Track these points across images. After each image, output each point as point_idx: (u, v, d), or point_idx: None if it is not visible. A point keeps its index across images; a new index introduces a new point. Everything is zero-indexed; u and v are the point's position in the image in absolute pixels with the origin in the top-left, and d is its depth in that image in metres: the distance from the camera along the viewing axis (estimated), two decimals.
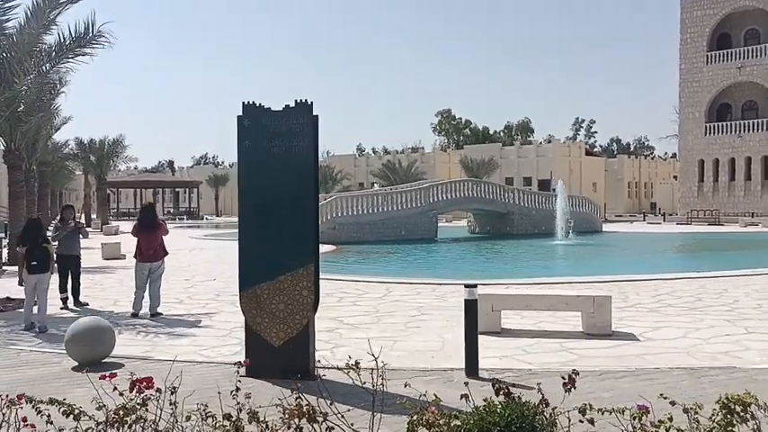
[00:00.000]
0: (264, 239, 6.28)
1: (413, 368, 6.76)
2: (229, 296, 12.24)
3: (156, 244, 10.55)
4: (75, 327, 6.80)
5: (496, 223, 33.48)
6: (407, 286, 13.13)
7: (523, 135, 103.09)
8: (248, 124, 6.30)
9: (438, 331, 8.79)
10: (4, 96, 11.42)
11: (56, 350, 7.77)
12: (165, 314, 10.27)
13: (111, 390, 3.95)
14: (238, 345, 8.10)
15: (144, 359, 7.16)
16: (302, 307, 6.26)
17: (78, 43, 11.44)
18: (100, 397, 3.97)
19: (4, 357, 7.35)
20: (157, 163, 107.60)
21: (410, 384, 4.34)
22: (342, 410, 3.86)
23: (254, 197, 6.34)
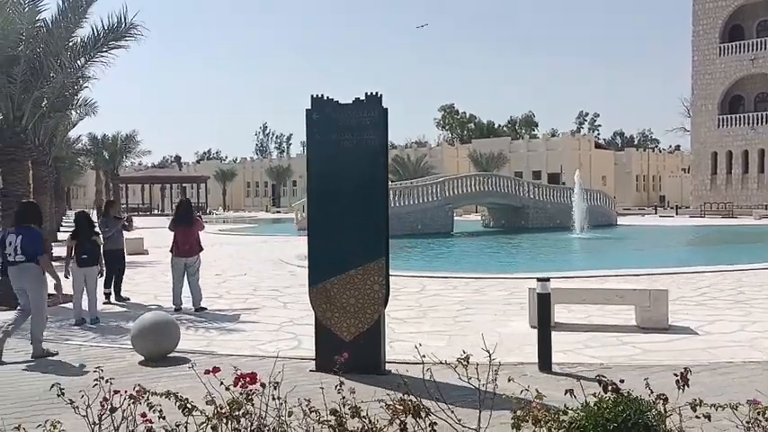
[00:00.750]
0: (335, 234, 6.24)
1: (482, 363, 6.71)
2: (267, 291, 12.23)
3: (192, 239, 10.53)
4: (142, 322, 6.77)
5: (511, 217, 33.42)
6: (441, 280, 13.09)
7: (527, 129, 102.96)
8: (317, 117, 6.25)
9: (489, 326, 8.76)
10: (41, 91, 11.36)
11: (114, 345, 7.76)
12: (208, 309, 10.25)
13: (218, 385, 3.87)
14: (293, 339, 8.09)
15: (207, 354, 7.12)
16: (373, 301, 6.22)
17: (113, 36, 11.37)
18: (210, 393, 3.94)
19: (66, 353, 7.32)
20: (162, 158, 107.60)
21: (513, 379, 4.31)
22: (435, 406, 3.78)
23: (323, 191, 6.29)
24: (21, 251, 7.08)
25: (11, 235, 7.28)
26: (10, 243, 7.18)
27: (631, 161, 68.09)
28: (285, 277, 14.37)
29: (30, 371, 6.57)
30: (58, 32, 11.03)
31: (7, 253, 7.19)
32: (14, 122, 11.28)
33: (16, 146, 11.27)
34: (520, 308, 10.04)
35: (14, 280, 7.22)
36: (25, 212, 7.50)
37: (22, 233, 7.19)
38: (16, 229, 7.35)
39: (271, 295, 11.72)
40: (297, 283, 13.25)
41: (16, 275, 7.17)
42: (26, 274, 7.12)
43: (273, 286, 12.88)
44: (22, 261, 7.08)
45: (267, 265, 16.90)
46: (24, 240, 7.11)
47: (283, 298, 11.38)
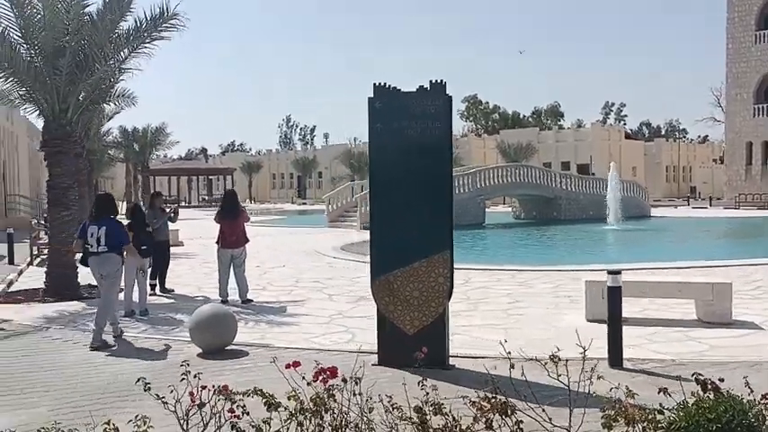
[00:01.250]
0: (398, 225, 6.11)
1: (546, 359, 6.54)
2: (309, 282, 12.17)
3: (238, 230, 10.48)
4: (200, 314, 6.72)
5: (543, 208, 33.03)
6: (486, 273, 12.90)
7: (553, 119, 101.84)
8: (380, 106, 6.11)
9: (544, 319, 8.59)
10: (86, 83, 11.37)
11: (168, 336, 7.72)
12: (254, 301, 10.21)
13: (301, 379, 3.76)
14: (346, 332, 7.99)
15: (264, 346, 7.05)
16: (437, 294, 6.09)
17: (155, 27, 11.32)
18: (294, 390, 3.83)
19: (121, 345, 7.30)
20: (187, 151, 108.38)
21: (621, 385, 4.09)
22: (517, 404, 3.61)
23: (386, 181, 6.16)
24: (104, 242, 7.36)
25: (92, 226, 7.50)
26: (92, 234, 7.43)
27: (661, 152, 66.99)
28: (324, 269, 14.30)
29: (93, 362, 6.55)
30: (104, 24, 11.00)
31: (89, 244, 7.45)
32: (60, 115, 11.31)
33: (62, 138, 11.31)
34: (569, 301, 9.85)
35: (96, 268, 7.49)
36: (104, 204, 7.80)
37: (105, 224, 7.46)
38: (97, 220, 7.56)
39: (314, 287, 11.65)
40: (338, 274, 13.19)
41: (98, 264, 7.44)
42: (108, 264, 7.41)
43: (315, 278, 12.81)
44: (104, 252, 7.38)
45: (304, 257, 16.86)
46: (108, 232, 7.39)
47: (327, 290, 11.31)
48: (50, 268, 11.27)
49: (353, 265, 14.64)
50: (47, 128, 11.36)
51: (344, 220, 28.79)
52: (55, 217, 11.35)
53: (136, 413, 4.80)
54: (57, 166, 11.33)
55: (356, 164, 60.46)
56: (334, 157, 65.86)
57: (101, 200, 8.04)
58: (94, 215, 7.72)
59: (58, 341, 7.45)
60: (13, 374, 6.08)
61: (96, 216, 7.66)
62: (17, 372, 6.17)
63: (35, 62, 11.08)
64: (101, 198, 8.17)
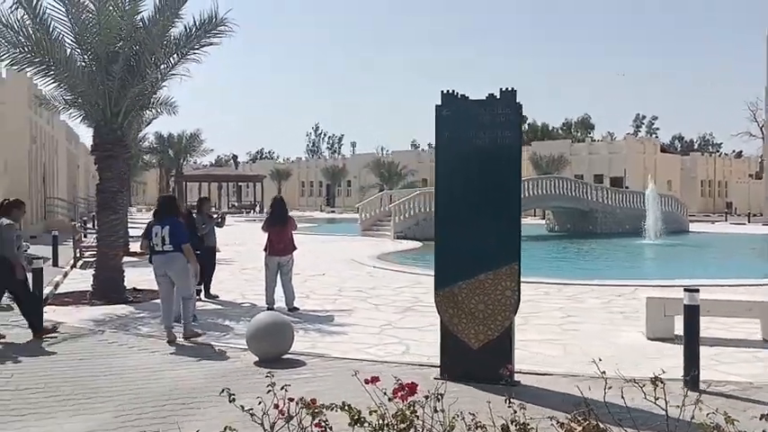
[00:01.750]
0: (464, 236, 5.97)
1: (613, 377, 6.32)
2: (352, 291, 12.07)
3: (286, 238, 10.42)
4: (258, 323, 6.64)
5: (578, 221, 32.58)
6: (532, 285, 12.61)
7: (584, 131, 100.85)
8: (447, 114, 6.00)
9: (601, 335, 8.35)
10: (138, 88, 11.47)
11: (219, 343, 7.65)
12: (300, 309, 10.13)
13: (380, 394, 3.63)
14: (399, 344, 7.85)
15: (320, 356, 6.95)
16: (504, 308, 5.93)
17: (204, 32, 11.38)
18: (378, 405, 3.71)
19: (174, 350, 7.25)
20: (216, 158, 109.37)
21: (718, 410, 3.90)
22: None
23: (453, 191, 6.04)
24: (168, 241, 7.65)
25: (156, 226, 7.79)
26: (156, 234, 7.73)
27: (696, 166, 65.82)
28: (365, 278, 14.20)
29: (151, 368, 6.51)
30: (156, 30, 11.09)
31: (154, 243, 7.74)
32: (111, 119, 11.42)
33: (113, 142, 11.41)
34: (623, 317, 9.60)
35: (160, 267, 7.76)
36: (167, 205, 8.10)
37: (168, 224, 7.74)
38: (161, 220, 7.84)
39: (358, 296, 11.55)
40: (380, 284, 13.07)
41: (163, 263, 7.72)
42: (173, 263, 7.70)
43: (357, 287, 12.71)
44: (170, 251, 7.66)
45: (342, 265, 16.78)
46: (171, 231, 7.67)
47: (372, 300, 11.19)
48: (98, 271, 11.34)
49: (394, 275, 14.52)
50: (98, 132, 11.47)
51: (378, 229, 28.70)
52: (104, 221, 11.44)
53: (204, 422, 4.75)
54: (107, 170, 11.43)
55: (386, 173, 60.49)
56: (364, 166, 65.94)
57: (164, 201, 8.28)
58: (158, 215, 7.95)
59: (114, 345, 7.44)
60: (74, 379, 6.05)
61: (160, 216, 7.90)
62: (78, 377, 6.15)
63: (89, 67, 11.21)
64: (164, 199, 8.38)
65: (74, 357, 6.85)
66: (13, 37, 10.67)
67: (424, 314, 9.77)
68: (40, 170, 30.46)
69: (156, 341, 7.71)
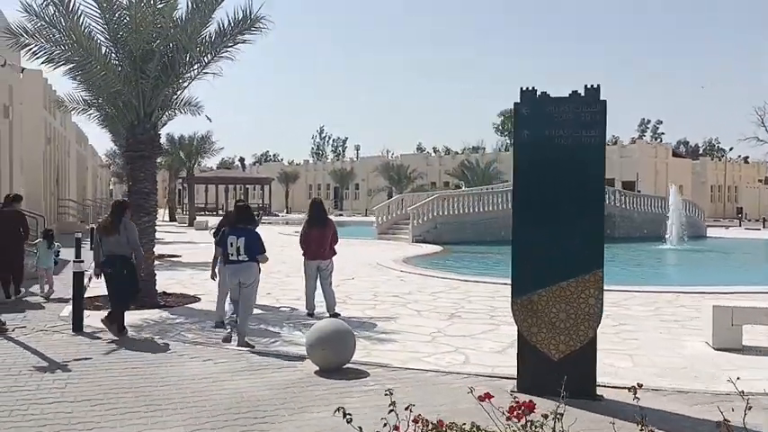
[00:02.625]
0: (545, 241, 5.67)
1: (693, 390, 6.03)
2: (388, 297, 11.76)
3: (325, 242, 10.09)
4: (320, 331, 6.34)
5: None
6: None
7: None
8: (527, 113, 5.71)
9: (663, 345, 8.04)
10: (171, 88, 11.21)
11: (271, 350, 7.34)
12: (341, 315, 9.83)
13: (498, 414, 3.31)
14: (456, 352, 7.55)
15: (382, 366, 6.64)
16: (588, 317, 5.62)
17: (239, 30, 11.10)
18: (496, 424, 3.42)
19: (226, 358, 6.95)
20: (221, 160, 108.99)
21: None
22: None
23: (533, 193, 5.74)
24: (244, 251, 7.65)
25: (232, 236, 7.75)
26: (231, 243, 7.69)
27: (706, 171, 65.47)
28: (397, 283, 13.90)
29: (209, 377, 6.21)
30: (191, 28, 10.81)
31: (230, 252, 7.71)
32: (144, 119, 11.14)
33: (146, 142, 11.12)
34: (679, 325, 9.29)
35: (234, 276, 7.73)
36: (243, 214, 8.05)
37: (244, 235, 7.73)
38: (237, 230, 7.82)
39: (396, 302, 11.25)
40: (414, 289, 12.76)
41: (237, 273, 7.69)
42: (247, 273, 7.70)
43: (392, 292, 12.41)
44: (245, 261, 7.67)
45: (369, 270, 16.48)
46: (247, 242, 7.67)
47: (411, 305, 10.89)
48: None
49: (425, 280, 14.22)
50: (131, 132, 11.19)
51: (394, 233, 28.40)
52: (136, 222, 11.10)
53: None
54: (140, 170, 11.14)
55: (395, 176, 60.17)
56: (372, 170, 65.64)
57: (241, 210, 8.16)
58: (234, 224, 7.95)
59: (163, 352, 7.13)
60: (132, 389, 5.75)
61: (236, 225, 7.89)
62: (135, 386, 5.85)
63: (123, 65, 10.94)
64: (241, 208, 8.23)
65: (125, 365, 6.55)
66: (50, 33, 10.41)
67: (470, 321, 9.47)
68: (54, 171, 30.24)
69: (204, 348, 7.41)
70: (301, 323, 9.27)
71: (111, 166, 68.56)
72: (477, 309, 10.56)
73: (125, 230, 8.11)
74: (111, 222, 8.17)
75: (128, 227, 8.21)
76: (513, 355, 7.38)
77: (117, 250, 8.04)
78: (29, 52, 10.44)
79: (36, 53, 10.51)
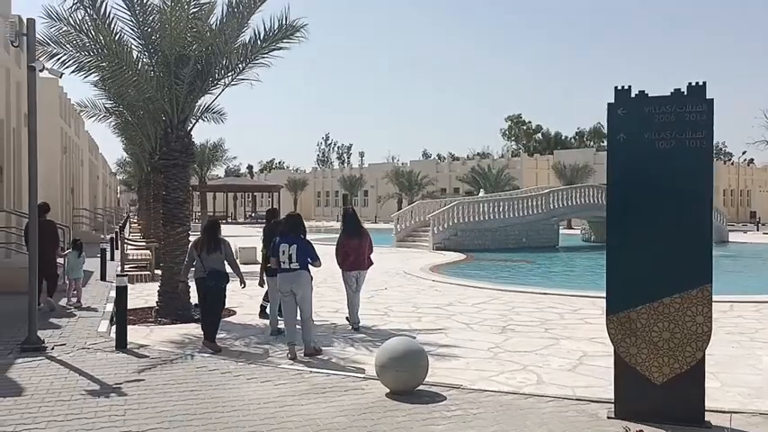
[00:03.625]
0: (645, 253, 5.23)
1: None
2: (429, 309, 11.31)
3: (363, 252, 9.71)
4: (391, 351, 5.89)
5: None
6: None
7: (596, 140, 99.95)
8: (624, 114, 5.27)
9: (742, 360, 7.59)
10: (204, 93, 10.81)
11: (328, 370, 6.88)
12: (378, 326, 9.42)
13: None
14: (525, 371, 7.09)
15: (455, 387, 6.18)
16: (695, 337, 5.17)
17: (279, 36, 10.70)
18: None
19: (285, 379, 6.49)
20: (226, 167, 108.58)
21: None
22: None
23: (631, 200, 5.29)
24: (296, 259, 7.64)
25: (283, 244, 7.74)
26: (283, 252, 7.69)
27: (719, 174, 64.86)
28: (432, 293, 13.44)
29: (273, 401, 5.76)
30: (229, 31, 10.42)
31: (281, 260, 7.70)
32: (178, 126, 10.74)
33: (180, 150, 10.71)
34: (748, 338, 8.83)
35: (285, 284, 7.73)
36: (295, 223, 8.02)
37: (297, 243, 7.73)
38: (288, 238, 7.81)
39: (440, 314, 10.80)
40: (454, 300, 12.30)
41: (289, 281, 7.69)
42: (300, 281, 7.69)
43: (432, 303, 11.96)
44: (297, 269, 7.65)
45: (398, 279, 16.03)
46: (299, 250, 7.67)
47: (457, 317, 10.44)
48: (163, 287, 10.62)
49: (461, 290, 13.75)
50: (165, 140, 10.78)
51: (414, 240, 27.95)
52: (169, 233, 10.73)
53: None
54: (174, 179, 10.73)
55: (405, 182, 59.75)
56: (382, 176, 65.22)
57: (292, 219, 8.14)
58: (285, 233, 7.90)
59: (217, 373, 6.69)
60: (198, 416, 5.32)
61: (287, 233, 7.87)
62: (200, 413, 5.40)
63: (156, 71, 10.55)
64: (292, 217, 8.22)
65: (182, 388, 6.10)
66: (78, 40, 10.02)
67: (525, 335, 9.02)
68: (69, 180, 29.90)
69: (258, 367, 6.96)
70: (349, 338, 8.84)
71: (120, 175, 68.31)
72: (528, 321, 10.10)
73: (224, 247, 8.38)
74: (214, 241, 8.31)
75: (225, 243, 8.46)
76: (587, 374, 6.97)
77: (217, 266, 8.23)
78: (58, 62, 10.04)
79: (65, 62, 10.12)
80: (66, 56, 10.20)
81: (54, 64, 10.02)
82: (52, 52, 9.99)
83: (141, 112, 19.43)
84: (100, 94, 19.38)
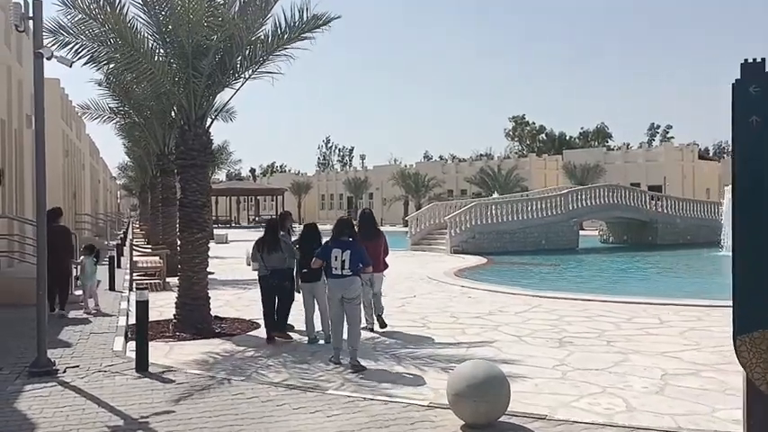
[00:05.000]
0: None
1: None
2: (468, 318, 10.42)
3: (378, 255, 9.31)
4: (468, 377, 5.00)
5: (636, 233, 30.81)
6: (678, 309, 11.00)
7: (600, 141, 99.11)
8: (757, 93, 4.37)
9: None
10: (228, 86, 9.94)
11: (392, 398, 5.98)
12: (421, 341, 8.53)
13: None
14: (606, 394, 6.19)
15: (539, 418, 5.28)
16: None
17: (308, 26, 9.80)
18: None
19: (337, 408, 5.59)
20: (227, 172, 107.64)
21: None
22: None
23: (763, 198, 4.39)
24: (349, 266, 7.36)
25: (336, 249, 7.45)
26: (335, 257, 7.39)
27: (728, 173, 63.90)
28: (466, 300, 12.56)
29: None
30: (252, 19, 9.54)
31: (333, 266, 7.40)
32: (196, 123, 9.86)
33: (199, 150, 9.83)
34: None
35: (337, 290, 7.45)
36: (347, 227, 7.72)
37: (350, 249, 7.44)
38: (341, 242, 7.51)
39: (484, 325, 9.90)
40: (492, 308, 11.39)
41: (341, 287, 7.42)
42: (351, 287, 7.41)
43: (469, 312, 11.06)
44: (348, 275, 7.36)
45: (424, 285, 15.16)
46: (352, 255, 7.39)
47: (503, 328, 9.56)
48: (181, 299, 9.74)
49: (496, 297, 12.86)
50: (182, 138, 9.90)
51: (430, 243, 27.04)
52: (188, 240, 9.84)
53: None
54: (192, 180, 9.85)
55: (412, 184, 58.82)
56: (388, 178, 64.29)
57: (344, 223, 7.83)
58: (336, 237, 7.58)
59: (257, 401, 5.80)
60: None
61: (338, 238, 7.56)
62: None
63: (173, 63, 9.68)
64: (344, 221, 7.89)
65: (221, 423, 5.22)
66: (89, 27, 9.15)
67: (587, 349, 8.13)
68: (71, 185, 29.05)
69: (304, 394, 6.07)
70: (392, 353, 7.94)
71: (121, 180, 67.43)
72: (583, 332, 9.21)
73: (285, 246, 8.72)
74: (275, 240, 8.73)
75: (286, 241, 8.85)
76: (679, 397, 6.02)
77: (279, 265, 8.65)
78: (72, 51, 9.16)
79: (78, 51, 9.24)
80: (78, 44, 9.32)
81: (67, 53, 9.15)
82: (64, 41, 9.12)
83: (148, 112, 18.66)
84: (104, 94, 18.54)
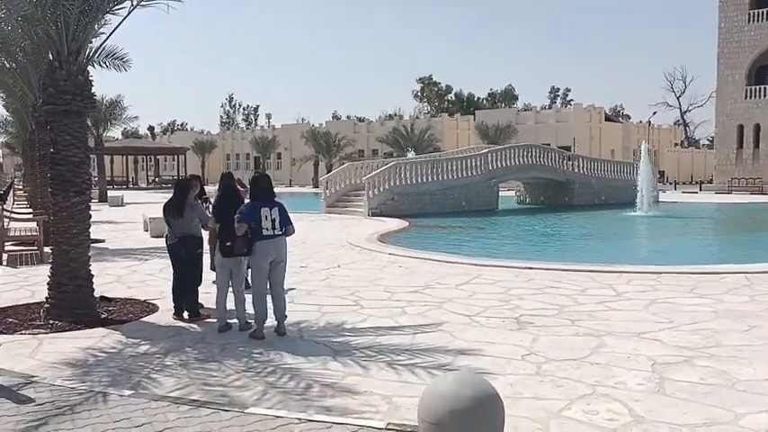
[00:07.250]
0: None
1: None
2: (406, 293, 9.07)
3: None
4: (451, 398, 3.60)
5: (553, 193, 30.66)
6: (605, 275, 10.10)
7: (507, 102, 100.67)
8: None
9: None
10: (109, 13, 7.90)
11: (337, 418, 4.52)
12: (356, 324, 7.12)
13: None
14: (600, 398, 5.03)
15: None
16: None
17: None
18: None
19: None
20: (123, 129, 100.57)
21: None
22: None
23: None
24: (279, 225, 6.72)
25: (264, 208, 6.71)
26: (266, 217, 6.68)
27: (630, 134, 66.12)
28: (398, 271, 11.21)
29: None
30: None
31: (264, 227, 6.66)
32: (69, 58, 7.79)
33: (73, 93, 7.78)
34: None
35: (270, 253, 6.73)
36: (268, 185, 6.92)
37: (278, 207, 6.80)
38: (267, 201, 6.80)
39: (426, 302, 8.57)
40: (428, 280, 10.09)
41: (275, 249, 6.76)
42: (285, 248, 6.89)
43: (406, 286, 9.71)
44: (280, 234, 6.78)
45: (346, 252, 13.74)
46: (282, 214, 6.76)
47: (448, 306, 8.28)
48: (57, 278, 7.82)
49: (428, 265, 11.58)
50: (52, 78, 7.81)
51: (345, 206, 25.58)
52: (62, 205, 7.85)
53: None
54: (65, 132, 7.81)
55: (323, 144, 56.81)
56: (298, 137, 61.90)
57: (265, 180, 6.97)
58: (259, 196, 6.81)
59: (148, 429, 4.18)
60: None
61: (263, 197, 6.81)
62: None
63: None
64: (264, 178, 7.01)
65: None
66: None
67: (554, 331, 6.97)
68: None
69: (217, 414, 4.50)
70: (322, 343, 6.46)
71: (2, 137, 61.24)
72: (540, 309, 8.06)
73: (191, 210, 7.64)
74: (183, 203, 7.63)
75: (194, 206, 7.74)
76: (686, 399, 4.80)
77: (189, 231, 7.63)
78: None
79: None
80: None
81: None
82: None
83: (20, 54, 15.90)
84: None
